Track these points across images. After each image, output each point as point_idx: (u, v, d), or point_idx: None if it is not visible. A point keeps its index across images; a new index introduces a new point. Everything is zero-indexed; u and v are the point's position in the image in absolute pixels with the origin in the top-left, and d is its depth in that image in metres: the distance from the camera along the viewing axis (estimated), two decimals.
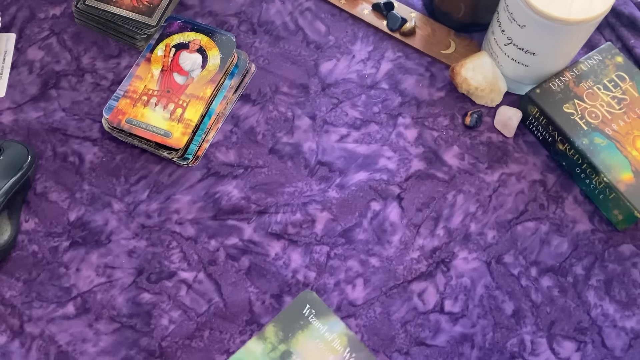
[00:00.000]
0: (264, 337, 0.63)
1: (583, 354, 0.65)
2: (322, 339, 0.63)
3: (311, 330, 0.63)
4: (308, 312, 0.64)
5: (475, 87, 0.74)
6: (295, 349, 0.62)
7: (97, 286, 0.67)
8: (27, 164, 0.69)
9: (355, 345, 0.63)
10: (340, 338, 0.63)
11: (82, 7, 0.79)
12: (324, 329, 0.63)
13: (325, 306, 0.64)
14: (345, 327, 0.63)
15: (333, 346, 0.62)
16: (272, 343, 0.63)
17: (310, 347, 0.62)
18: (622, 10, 0.81)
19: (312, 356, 0.62)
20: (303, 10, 0.83)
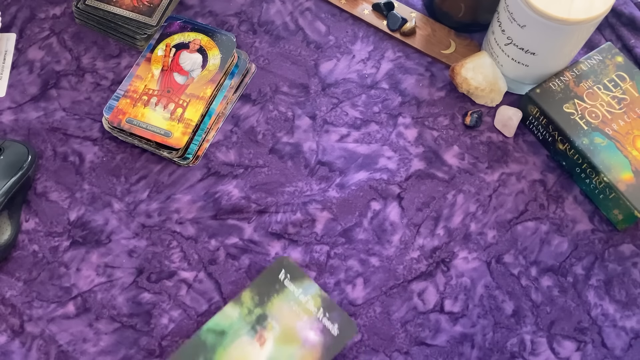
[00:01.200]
0: (241, 302, 0.64)
1: (583, 353, 0.65)
2: (296, 301, 0.64)
3: (286, 294, 0.64)
4: (283, 276, 0.65)
5: (476, 87, 0.74)
6: (271, 312, 0.63)
7: (98, 286, 0.67)
8: (27, 163, 0.69)
9: (328, 305, 0.64)
10: (314, 299, 0.64)
11: (82, 7, 0.79)
12: (299, 292, 0.64)
13: (300, 270, 0.65)
14: (319, 289, 0.64)
15: (307, 307, 0.64)
16: (248, 307, 0.64)
17: (284, 309, 0.64)
18: (622, 10, 0.81)
19: (286, 318, 0.63)
20: (303, 10, 0.83)
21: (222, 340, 0.63)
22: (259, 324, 0.63)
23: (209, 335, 0.63)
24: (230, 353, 0.62)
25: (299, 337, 0.63)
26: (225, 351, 0.62)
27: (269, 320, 0.63)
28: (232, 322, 0.63)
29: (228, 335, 0.63)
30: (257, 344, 0.62)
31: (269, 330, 0.63)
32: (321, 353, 0.62)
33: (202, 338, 0.63)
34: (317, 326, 0.63)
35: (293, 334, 0.63)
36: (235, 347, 0.62)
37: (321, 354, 0.62)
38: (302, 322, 0.63)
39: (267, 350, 0.62)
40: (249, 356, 0.62)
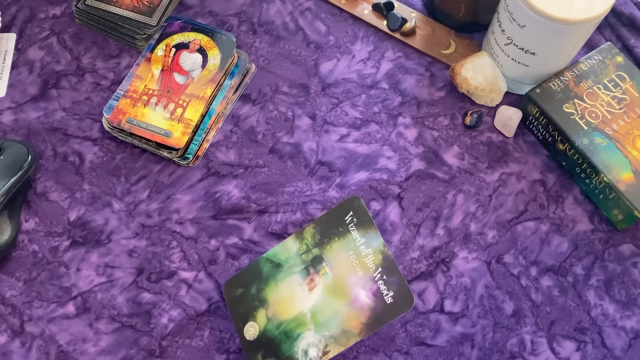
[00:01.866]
0: (302, 237, 0.60)
1: (583, 353, 0.65)
2: (356, 251, 0.58)
3: (347, 240, 0.58)
4: (350, 219, 0.59)
5: (476, 87, 0.74)
6: (327, 256, 0.58)
7: (97, 286, 0.67)
8: (27, 163, 0.69)
9: (388, 266, 0.56)
10: (374, 255, 0.57)
11: (82, 7, 0.79)
12: (361, 241, 0.58)
13: (368, 216, 0.58)
14: (384, 244, 0.57)
15: (365, 262, 0.57)
16: (307, 244, 0.59)
17: (342, 257, 0.58)
18: (622, 10, 0.81)
19: (341, 267, 0.57)
20: (303, 10, 0.83)
21: (276, 273, 0.59)
22: (313, 266, 0.58)
23: (267, 265, 0.59)
24: (280, 289, 0.58)
25: (349, 293, 0.56)
26: (276, 285, 0.58)
27: (323, 265, 0.58)
28: (289, 256, 0.59)
29: (283, 269, 0.59)
30: (306, 288, 0.57)
31: (321, 276, 0.58)
32: (368, 319, 0.55)
33: (260, 265, 0.59)
34: (370, 287, 0.56)
35: (344, 288, 0.57)
36: (286, 284, 0.58)
37: (367, 320, 0.55)
38: (356, 278, 0.57)
39: (314, 297, 0.57)
40: (296, 298, 0.57)
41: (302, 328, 0.56)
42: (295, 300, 0.57)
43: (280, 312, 0.57)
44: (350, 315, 0.55)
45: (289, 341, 0.56)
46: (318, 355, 0.55)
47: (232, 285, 0.60)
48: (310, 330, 0.56)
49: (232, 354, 0.64)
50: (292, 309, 0.57)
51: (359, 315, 0.55)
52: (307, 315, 0.56)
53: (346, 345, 0.55)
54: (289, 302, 0.57)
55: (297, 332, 0.56)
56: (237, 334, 0.58)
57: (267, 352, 0.57)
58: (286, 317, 0.57)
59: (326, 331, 0.56)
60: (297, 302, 0.57)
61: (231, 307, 0.59)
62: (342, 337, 0.55)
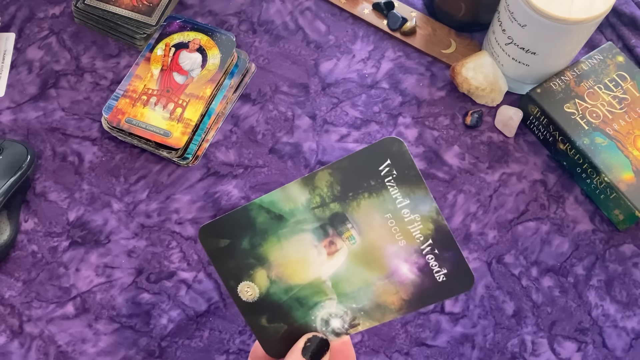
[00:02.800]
0: (313, 185, 0.45)
1: (584, 354, 0.65)
2: (396, 215, 0.44)
3: (383, 199, 0.44)
4: (387, 170, 0.44)
5: (476, 87, 0.74)
6: (353, 216, 0.45)
7: (97, 286, 0.67)
8: (26, 163, 0.69)
9: (442, 239, 0.44)
10: (424, 222, 0.44)
11: (81, 6, 0.79)
12: (404, 203, 0.44)
13: (415, 170, 0.43)
14: (437, 210, 0.44)
15: (409, 230, 0.44)
16: (321, 196, 0.45)
17: (375, 220, 0.44)
18: (623, 9, 0.81)
19: (374, 233, 0.44)
20: (303, 10, 0.83)
21: (276, 227, 0.46)
22: (332, 225, 0.45)
23: (261, 215, 0.46)
24: (285, 248, 0.46)
25: (386, 265, 0.45)
26: (279, 242, 0.46)
27: (347, 226, 0.45)
28: (296, 208, 0.45)
29: (287, 223, 0.46)
30: (323, 251, 0.45)
31: (345, 239, 0.45)
32: (411, 296, 0.45)
33: (252, 214, 0.46)
34: (415, 261, 0.44)
35: (378, 258, 0.45)
36: (294, 244, 0.46)
37: (411, 297, 0.45)
38: (397, 248, 0.44)
39: (336, 264, 0.46)
40: (310, 262, 0.46)
41: (320, 297, 0.46)
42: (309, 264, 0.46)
43: (289, 275, 0.46)
44: (387, 289, 0.45)
45: (303, 308, 0.47)
46: (344, 326, 0.46)
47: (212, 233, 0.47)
48: (332, 300, 0.46)
49: (232, 354, 0.64)
50: (305, 274, 0.46)
51: (398, 291, 0.45)
52: (327, 284, 0.46)
53: (381, 321, 0.46)
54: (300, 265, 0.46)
55: (315, 300, 0.46)
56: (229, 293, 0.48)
57: (273, 317, 0.47)
58: (297, 282, 0.46)
59: (354, 303, 0.46)
60: (312, 267, 0.46)
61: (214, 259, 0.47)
62: (375, 312, 0.46)
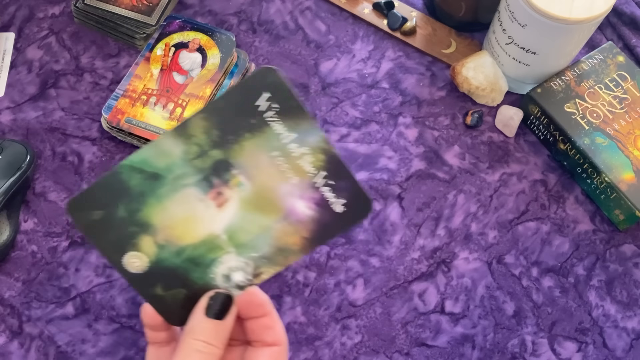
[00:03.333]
0: (187, 135, 0.41)
1: (584, 354, 0.65)
2: (283, 151, 0.42)
3: (267, 137, 0.41)
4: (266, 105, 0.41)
5: (476, 87, 0.74)
6: (238, 161, 0.42)
7: (97, 286, 0.67)
8: (26, 163, 0.69)
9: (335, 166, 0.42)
10: (313, 154, 0.42)
11: (81, 6, 0.78)
12: (290, 137, 0.41)
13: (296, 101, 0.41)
14: (324, 138, 0.42)
15: (300, 164, 0.42)
16: (198, 144, 0.41)
17: (262, 161, 0.42)
18: (623, 9, 0.81)
19: (263, 174, 0.42)
20: (303, 10, 0.83)
21: (154, 188, 0.42)
22: (217, 175, 0.42)
23: (134, 177, 0.42)
24: (168, 208, 0.42)
25: (280, 205, 0.43)
26: (160, 204, 0.42)
27: (233, 173, 0.42)
28: (172, 162, 0.42)
29: (165, 181, 0.42)
30: (211, 204, 0.43)
31: (233, 187, 0.42)
32: (312, 233, 0.43)
33: (122, 178, 0.41)
34: (311, 195, 0.42)
35: (272, 200, 0.43)
36: (177, 202, 0.42)
37: (312, 234, 0.43)
38: (289, 186, 0.42)
39: (228, 214, 0.43)
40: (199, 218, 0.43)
41: (216, 252, 0.43)
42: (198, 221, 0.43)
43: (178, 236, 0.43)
44: (287, 230, 0.43)
45: (199, 268, 0.44)
46: (247, 278, 0.44)
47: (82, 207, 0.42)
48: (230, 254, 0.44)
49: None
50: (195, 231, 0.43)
51: (298, 230, 0.43)
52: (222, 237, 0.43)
53: (284, 264, 0.44)
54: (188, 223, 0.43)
55: (210, 257, 0.44)
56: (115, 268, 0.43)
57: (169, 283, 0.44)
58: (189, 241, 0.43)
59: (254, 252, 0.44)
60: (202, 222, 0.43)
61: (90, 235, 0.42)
62: (278, 256, 0.44)
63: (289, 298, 0.66)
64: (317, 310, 0.66)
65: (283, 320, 0.65)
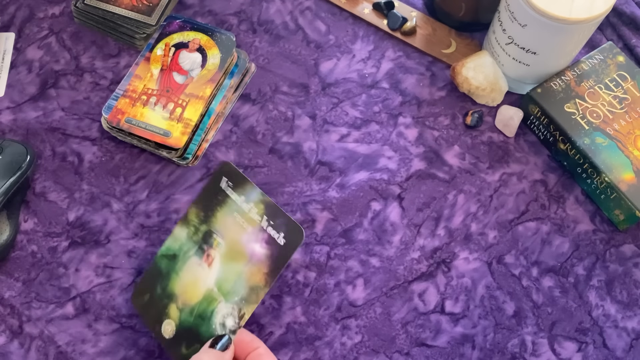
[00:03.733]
0: (187, 221, 0.59)
1: (584, 354, 0.65)
2: (239, 211, 0.57)
3: (229, 205, 0.57)
4: (225, 184, 0.58)
5: (476, 87, 0.74)
6: (216, 227, 0.57)
7: (97, 286, 0.67)
8: (26, 163, 0.69)
9: (272, 211, 0.56)
10: (257, 206, 0.56)
11: (81, 6, 0.78)
12: (241, 200, 0.57)
13: (242, 176, 0.58)
14: (261, 193, 0.57)
15: (251, 217, 0.56)
16: (194, 225, 0.59)
17: (229, 222, 0.57)
18: (623, 9, 0.81)
19: (231, 232, 0.57)
20: (303, 10, 0.83)
21: (174, 265, 0.59)
22: (206, 242, 0.58)
23: (163, 261, 0.59)
24: (182, 277, 0.58)
25: (245, 252, 0.56)
26: (177, 276, 0.58)
27: (214, 237, 0.57)
28: (182, 243, 0.59)
29: (179, 258, 0.58)
30: (205, 265, 0.57)
31: (215, 247, 0.57)
32: (269, 267, 0.55)
33: (158, 265, 0.59)
34: (262, 237, 0.56)
35: (239, 249, 0.56)
36: (186, 271, 0.58)
37: (269, 268, 0.55)
38: (247, 235, 0.56)
39: (215, 270, 0.57)
40: (199, 278, 0.57)
41: (213, 304, 0.56)
42: (199, 281, 0.56)
43: (189, 298, 0.57)
44: (252, 271, 0.55)
45: (205, 322, 0.56)
46: (236, 322, 0.54)
47: (139, 295, 0.60)
48: (221, 302, 0.55)
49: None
50: (198, 290, 0.56)
51: (260, 268, 0.55)
52: (214, 290, 0.56)
53: (257, 302, 0.54)
54: (194, 285, 0.57)
55: (210, 309, 0.56)
56: (157, 339, 0.57)
57: (189, 342, 0.56)
58: (195, 300, 0.57)
59: (235, 296, 0.55)
60: (201, 281, 0.56)
61: (142, 315, 0.59)
62: (251, 295, 0.55)
63: (289, 298, 0.66)
64: (317, 310, 0.66)
65: (283, 320, 0.66)
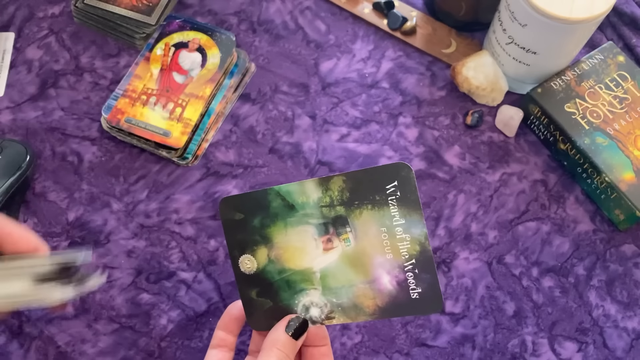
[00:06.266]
0: (327, 187, 0.49)
1: (584, 354, 0.65)
2: (390, 231, 0.48)
3: (383, 214, 0.48)
4: (392, 190, 0.48)
5: (477, 87, 0.74)
6: (354, 222, 0.49)
7: None
8: (25, 163, 0.69)
9: (424, 262, 0.48)
10: (411, 244, 0.48)
11: (81, 6, 0.78)
12: (399, 222, 0.48)
13: (416, 196, 0.48)
14: (426, 235, 0.48)
15: (398, 246, 0.48)
16: (331, 197, 0.49)
17: (371, 230, 0.49)
18: (623, 9, 0.81)
19: (368, 241, 0.49)
20: (303, 9, 0.82)
21: (287, 215, 0.50)
22: (334, 225, 0.50)
23: (277, 200, 0.50)
24: (289, 234, 0.50)
25: (370, 271, 0.49)
26: (285, 228, 0.50)
27: (347, 229, 0.49)
28: (307, 202, 0.50)
29: (296, 214, 0.50)
30: (320, 245, 0.50)
31: (342, 240, 0.50)
32: (385, 304, 0.49)
33: (269, 197, 0.50)
34: (396, 275, 0.49)
35: (365, 265, 0.49)
36: (297, 233, 0.50)
37: (385, 305, 0.49)
38: (383, 259, 0.49)
39: (328, 260, 0.50)
40: (306, 252, 0.50)
41: (307, 284, 0.50)
42: (305, 254, 0.50)
43: (286, 259, 0.51)
44: (366, 293, 0.49)
45: (289, 292, 0.51)
46: (320, 316, 0.50)
47: (231, 206, 0.51)
48: (317, 291, 0.50)
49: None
50: (299, 261, 0.50)
51: (375, 297, 0.49)
52: (316, 275, 0.50)
53: (354, 320, 0.50)
54: (297, 252, 0.51)
55: (301, 286, 0.51)
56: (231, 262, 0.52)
57: (262, 292, 0.52)
58: (291, 266, 0.51)
59: (334, 298, 0.50)
60: (307, 256, 0.50)
61: (227, 229, 0.52)
62: (351, 310, 0.50)
63: None
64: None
65: None
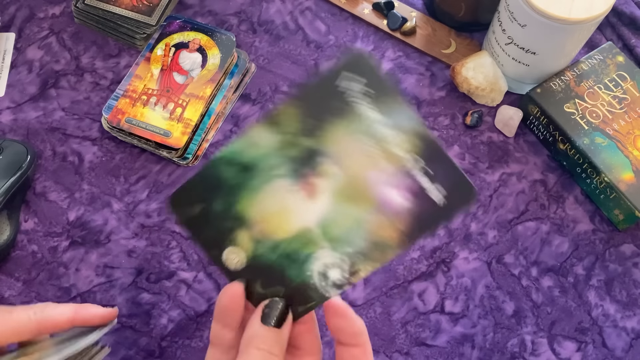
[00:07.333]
0: (277, 124, 0.39)
1: (584, 354, 0.65)
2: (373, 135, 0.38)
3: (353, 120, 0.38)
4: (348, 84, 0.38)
5: (476, 87, 0.74)
6: (329, 148, 0.39)
7: (97, 286, 0.67)
8: (26, 163, 0.69)
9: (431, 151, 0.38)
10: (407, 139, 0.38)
11: (81, 6, 0.79)
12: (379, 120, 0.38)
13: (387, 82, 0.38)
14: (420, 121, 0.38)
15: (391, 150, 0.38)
16: (290, 134, 0.39)
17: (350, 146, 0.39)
18: (623, 9, 0.81)
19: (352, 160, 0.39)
20: (303, 10, 0.83)
21: (248, 179, 0.40)
22: (306, 164, 0.39)
23: (227, 170, 0.40)
24: (262, 201, 0.40)
25: (372, 195, 0.39)
26: (253, 197, 0.40)
27: (324, 160, 0.39)
28: (264, 153, 0.40)
29: (257, 172, 0.40)
30: (301, 194, 0.40)
31: (325, 176, 0.39)
32: (408, 226, 0.39)
33: (215, 171, 0.40)
34: (405, 184, 0.39)
35: (363, 189, 0.39)
36: (270, 194, 0.40)
37: (408, 227, 0.39)
38: (380, 173, 0.39)
39: (321, 206, 0.40)
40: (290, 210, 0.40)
41: (310, 247, 0.41)
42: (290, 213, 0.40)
43: (272, 230, 0.41)
44: (381, 222, 0.39)
45: (296, 265, 0.41)
46: (344, 276, 0.41)
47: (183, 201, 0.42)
48: (325, 249, 0.41)
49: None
50: (288, 225, 0.41)
51: (393, 222, 0.39)
52: (316, 231, 0.41)
53: (383, 261, 0.40)
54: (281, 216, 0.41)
55: (305, 252, 0.41)
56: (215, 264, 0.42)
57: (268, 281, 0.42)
58: (283, 236, 0.41)
59: (349, 247, 0.41)
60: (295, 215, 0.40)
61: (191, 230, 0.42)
62: (374, 252, 0.40)
63: None
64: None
65: None
